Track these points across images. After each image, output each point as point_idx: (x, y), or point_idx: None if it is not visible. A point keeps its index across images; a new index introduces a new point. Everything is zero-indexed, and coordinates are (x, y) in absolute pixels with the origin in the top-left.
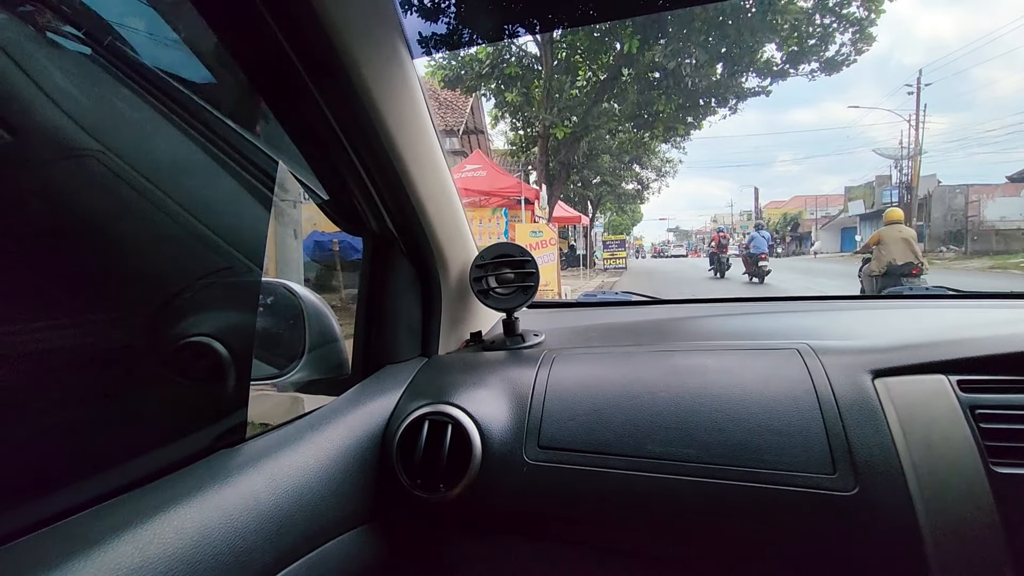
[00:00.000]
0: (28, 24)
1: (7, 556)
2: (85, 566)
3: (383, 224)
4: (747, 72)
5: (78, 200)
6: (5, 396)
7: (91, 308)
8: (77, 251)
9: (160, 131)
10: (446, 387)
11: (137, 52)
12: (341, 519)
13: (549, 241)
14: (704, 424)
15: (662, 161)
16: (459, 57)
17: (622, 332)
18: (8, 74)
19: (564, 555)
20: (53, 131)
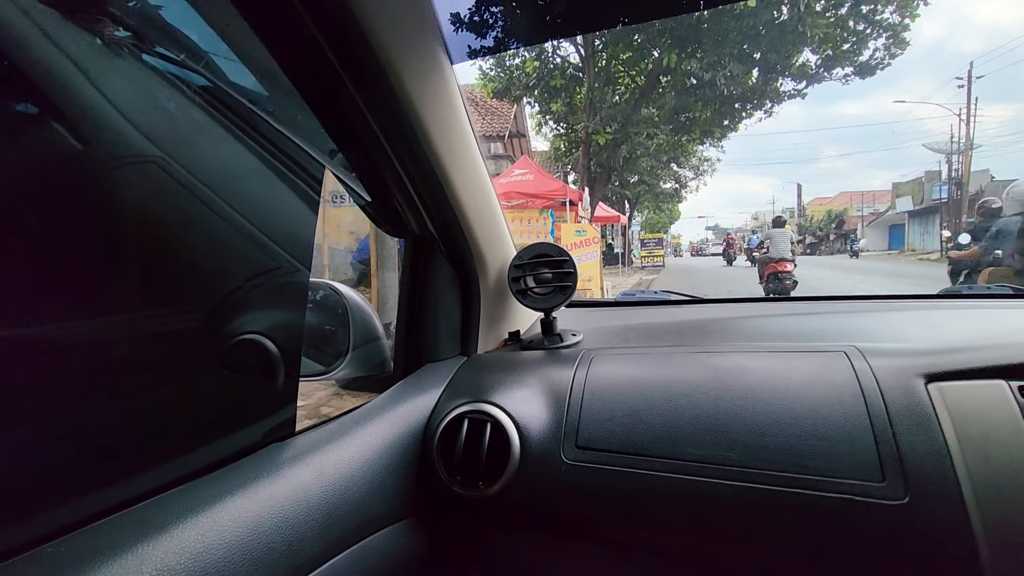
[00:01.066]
0: (95, 37)
1: (89, 536)
2: (154, 550)
3: (423, 225)
4: (782, 76)
5: (140, 204)
6: (85, 389)
7: (155, 307)
8: (139, 252)
9: (215, 138)
10: (485, 386)
11: (193, 63)
12: (384, 513)
13: (592, 240)
14: (746, 427)
15: (700, 160)
16: (507, 69)
17: (661, 332)
18: (79, 86)
19: (600, 555)
20: (119, 139)
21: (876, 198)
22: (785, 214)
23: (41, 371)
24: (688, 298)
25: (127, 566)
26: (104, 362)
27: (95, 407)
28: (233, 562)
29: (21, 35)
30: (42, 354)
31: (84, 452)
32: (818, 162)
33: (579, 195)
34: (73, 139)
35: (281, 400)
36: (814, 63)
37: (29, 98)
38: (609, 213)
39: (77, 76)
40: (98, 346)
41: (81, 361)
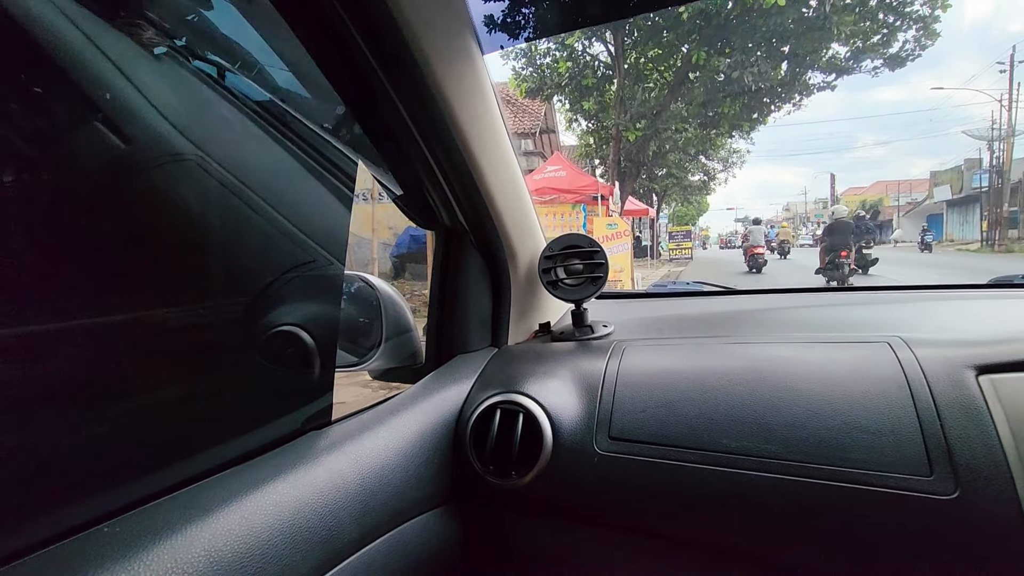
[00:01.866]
0: (133, 40)
1: (143, 517)
2: (202, 532)
3: (454, 217)
4: (811, 70)
5: (179, 200)
6: (135, 379)
7: (196, 300)
8: (179, 247)
9: (249, 136)
10: (516, 377)
11: (227, 62)
12: (419, 500)
13: (623, 232)
14: (784, 420)
15: (729, 152)
16: (539, 68)
17: (694, 323)
18: (121, 87)
19: (632, 545)
20: (159, 138)
21: (913, 187)
22: (818, 204)
23: (93, 362)
24: (721, 289)
25: (177, 546)
26: (152, 353)
27: (146, 395)
28: (276, 545)
29: (68, 41)
30: (93, 346)
31: (137, 437)
32: (853, 151)
33: (610, 190)
34: (117, 139)
35: (318, 389)
36: (843, 56)
37: (76, 100)
38: (638, 206)
39: (119, 78)
40: (146, 337)
41: (130, 352)
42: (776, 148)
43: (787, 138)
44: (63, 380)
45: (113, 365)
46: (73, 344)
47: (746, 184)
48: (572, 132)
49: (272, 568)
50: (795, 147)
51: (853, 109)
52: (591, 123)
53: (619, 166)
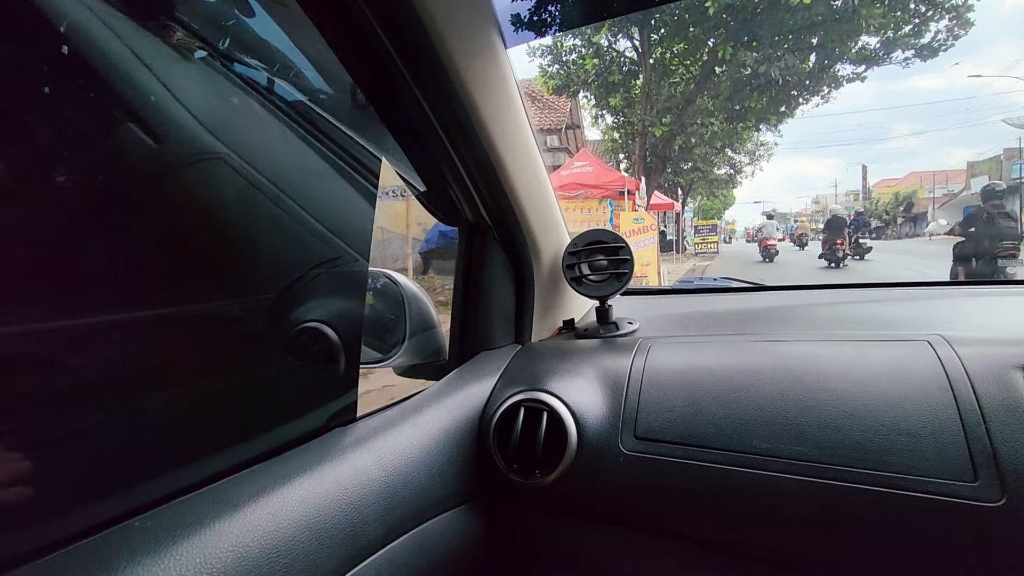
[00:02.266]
0: (162, 41)
1: (173, 512)
2: (230, 527)
3: (477, 213)
4: (840, 62)
5: (207, 197)
6: (164, 375)
7: (224, 296)
8: (207, 243)
9: (275, 134)
10: (540, 374)
11: (254, 62)
12: (443, 498)
13: (650, 227)
14: (817, 420)
15: (756, 145)
16: (565, 64)
17: (722, 320)
18: (152, 87)
19: (657, 546)
20: (188, 137)
21: (949, 178)
22: (849, 196)
23: (122, 359)
24: (750, 285)
25: (206, 541)
26: (182, 349)
27: (176, 390)
28: (302, 541)
29: (102, 43)
30: (124, 342)
31: (168, 432)
32: (887, 141)
33: (636, 185)
34: (148, 138)
35: (343, 386)
36: (873, 47)
37: (110, 101)
38: (664, 201)
39: (151, 79)
40: (176, 333)
41: (159, 349)
42: (805, 140)
43: (817, 129)
44: (93, 376)
45: (143, 361)
46: (104, 341)
47: (774, 177)
48: (597, 127)
49: (298, 564)
50: (825, 138)
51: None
52: (617, 119)
53: (645, 161)
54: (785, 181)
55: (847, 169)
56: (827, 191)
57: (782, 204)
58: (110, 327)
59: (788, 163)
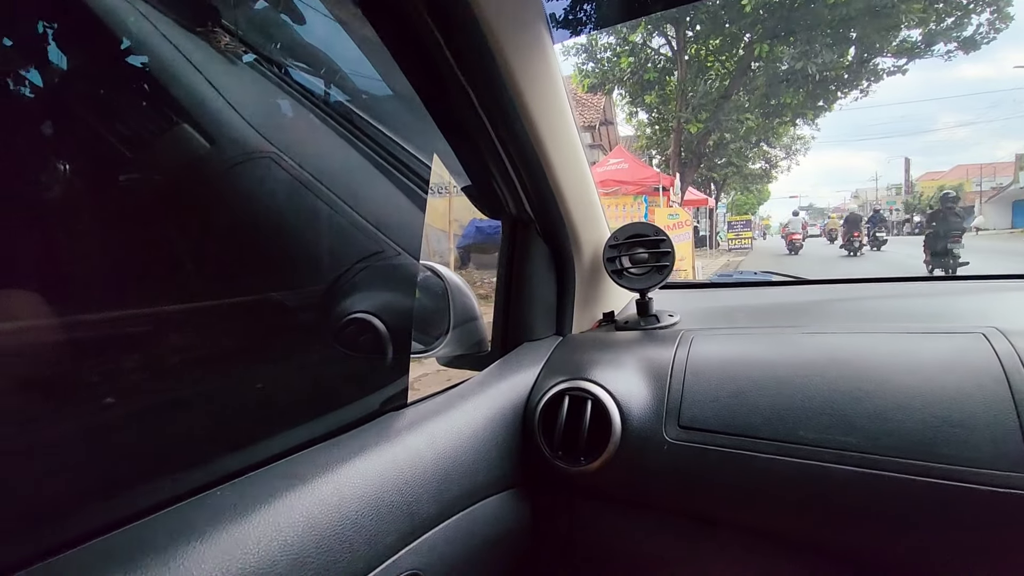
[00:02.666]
0: (211, 47)
1: (249, 484)
2: (301, 499)
3: (521, 207)
4: (880, 55)
5: (258, 195)
6: (232, 363)
7: (278, 289)
8: (260, 239)
9: (322, 133)
10: (583, 364)
11: (301, 64)
12: (491, 482)
13: (685, 222)
14: (867, 412)
15: (792, 139)
16: (599, 62)
17: (765, 313)
18: (203, 91)
19: (700, 533)
20: (239, 138)
21: (997, 171)
22: (891, 190)
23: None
24: (791, 279)
25: (280, 511)
26: (245, 338)
27: (243, 375)
28: (364, 515)
29: (159, 50)
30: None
31: (238, 412)
32: (931, 133)
33: (671, 181)
34: (203, 139)
35: (394, 373)
36: (915, 40)
37: (167, 105)
38: (698, 196)
39: (204, 84)
40: (241, 324)
41: (230, 338)
42: (845, 133)
43: (857, 121)
44: (178, 360)
45: (213, 349)
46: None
47: (812, 170)
48: (630, 124)
49: (360, 538)
50: (866, 131)
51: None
52: (652, 115)
53: (680, 157)
54: (823, 175)
55: (889, 162)
56: (867, 185)
57: (820, 199)
58: (186, 315)
59: (827, 156)
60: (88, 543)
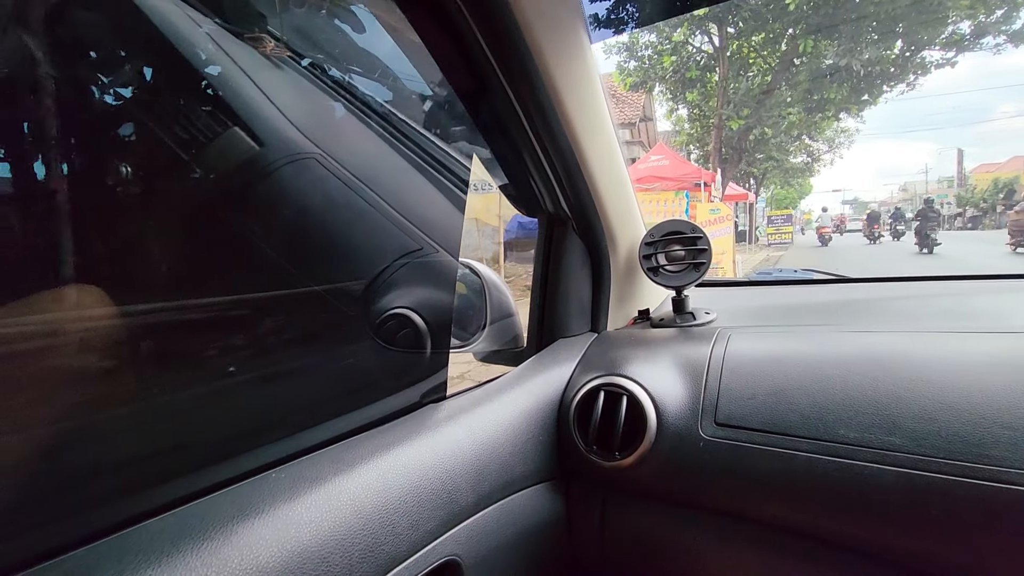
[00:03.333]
0: (258, 52)
1: (301, 467)
2: (348, 484)
3: (558, 204)
4: (928, 48)
5: (304, 193)
6: (282, 356)
7: (324, 283)
8: (306, 236)
9: (364, 135)
10: (619, 361)
11: (346, 66)
12: (526, 474)
13: (726, 217)
14: (911, 411)
15: (836, 132)
16: (641, 60)
17: (805, 312)
18: (252, 95)
19: (736, 531)
20: (286, 140)
21: None
22: (943, 183)
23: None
24: (833, 277)
25: (330, 494)
26: (289, 332)
27: (293, 367)
28: (406, 501)
29: (212, 58)
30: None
31: (288, 401)
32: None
33: (712, 177)
34: (252, 142)
35: (433, 366)
36: (964, 31)
37: (220, 110)
38: (737, 192)
39: (253, 90)
40: (286, 319)
41: (275, 333)
42: (893, 124)
43: (906, 112)
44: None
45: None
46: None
47: (857, 163)
48: (669, 120)
49: (403, 522)
50: (915, 122)
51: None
52: (693, 112)
53: (720, 154)
54: (870, 167)
55: (940, 153)
56: (917, 177)
57: (865, 192)
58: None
59: (874, 148)
60: (167, 513)
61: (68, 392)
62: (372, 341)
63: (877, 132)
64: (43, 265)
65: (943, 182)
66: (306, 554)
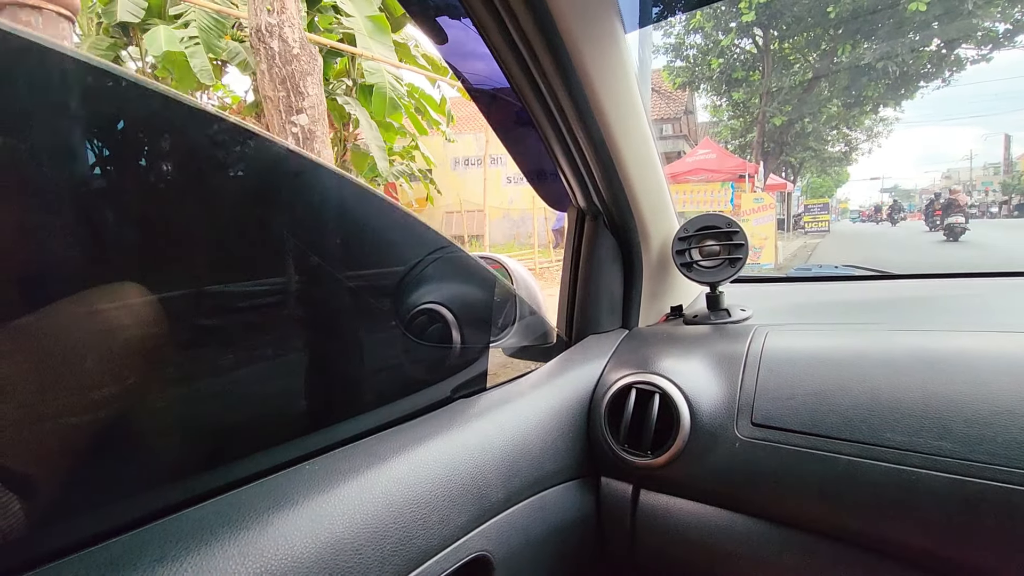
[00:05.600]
0: None
1: (333, 460)
2: (380, 477)
3: (589, 199)
4: (963, 45)
5: (334, 192)
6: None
7: (358, 280)
8: (339, 234)
9: None
10: (651, 358)
11: None
12: (557, 470)
13: (769, 206)
14: (964, 415)
15: (874, 121)
16: (686, 59)
17: (846, 309)
18: None
19: (773, 533)
20: None
21: None
22: (988, 170)
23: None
24: (875, 273)
25: (363, 487)
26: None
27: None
28: (437, 496)
29: None
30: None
31: (328, 392)
32: None
33: (755, 169)
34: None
35: (464, 361)
36: (999, 29)
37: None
38: (777, 182)
39: None
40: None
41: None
42: (935, 110)
43: (948, 97)
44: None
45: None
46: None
47: (897, 150)
48: (715, 116)
49: (434, 517)
50: (959, 107)
51: None
52: (737, 110)
53: (763, 147)
54: (910, 154)
55: (986, 139)
56: (961, 164)
57: (905, 180)
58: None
59: (915, 134)
60: (205, 502)
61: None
62: (403, 335)
63: (919, 119)
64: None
65: (988, 168)
66: (340, 546)
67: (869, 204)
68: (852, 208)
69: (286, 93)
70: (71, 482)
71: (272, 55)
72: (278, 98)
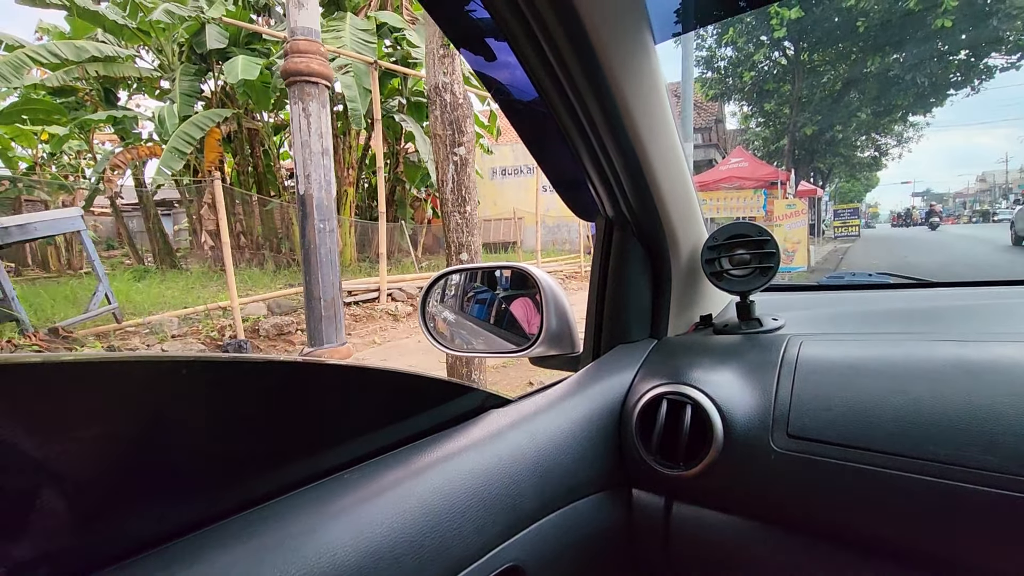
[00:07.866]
0: None
1: (375, 467)
2: (416, 487)
3: (617, 208)
4: (992, 54)
5: None
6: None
7: None
8: None
9: None
10: (682, 368)
11: None
12: (589, 481)
13: (801, 211)
14: (1012, 429)
15: (905, 127)
16: (717, 70)
17: (883, 318)
18: None
19: (810, 548)
20: None
21: None
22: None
23: None
24: (913, 281)
25: (400, 496)
26: None
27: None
28: (472, 505)
29: None
30: None
31: (358, 406)
32: None
33: (787, 176)
34: None
35: None
36: None
37: None
38: (807, 188)
39: None
40: None
41: None
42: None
43: (982, 99)
44: None
45: None
46: None
47: (929, 153)
48: (745, 125)
49: (469, 527)
50: (992, 112)
51: None
52: (769, 120)
53: (793, 155)
54: (943, 157)
55: (1022, 141)
56: (996, 167)
57: (939, 183)
58: None
59: (947, 137)
60: (249, 510)
61: None
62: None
63: (950, 122)
64: None
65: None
66: (379, 554)
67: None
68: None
69: (452, 132)
70: (130, 487)
71: (444, 104)
72: (445, 135)
